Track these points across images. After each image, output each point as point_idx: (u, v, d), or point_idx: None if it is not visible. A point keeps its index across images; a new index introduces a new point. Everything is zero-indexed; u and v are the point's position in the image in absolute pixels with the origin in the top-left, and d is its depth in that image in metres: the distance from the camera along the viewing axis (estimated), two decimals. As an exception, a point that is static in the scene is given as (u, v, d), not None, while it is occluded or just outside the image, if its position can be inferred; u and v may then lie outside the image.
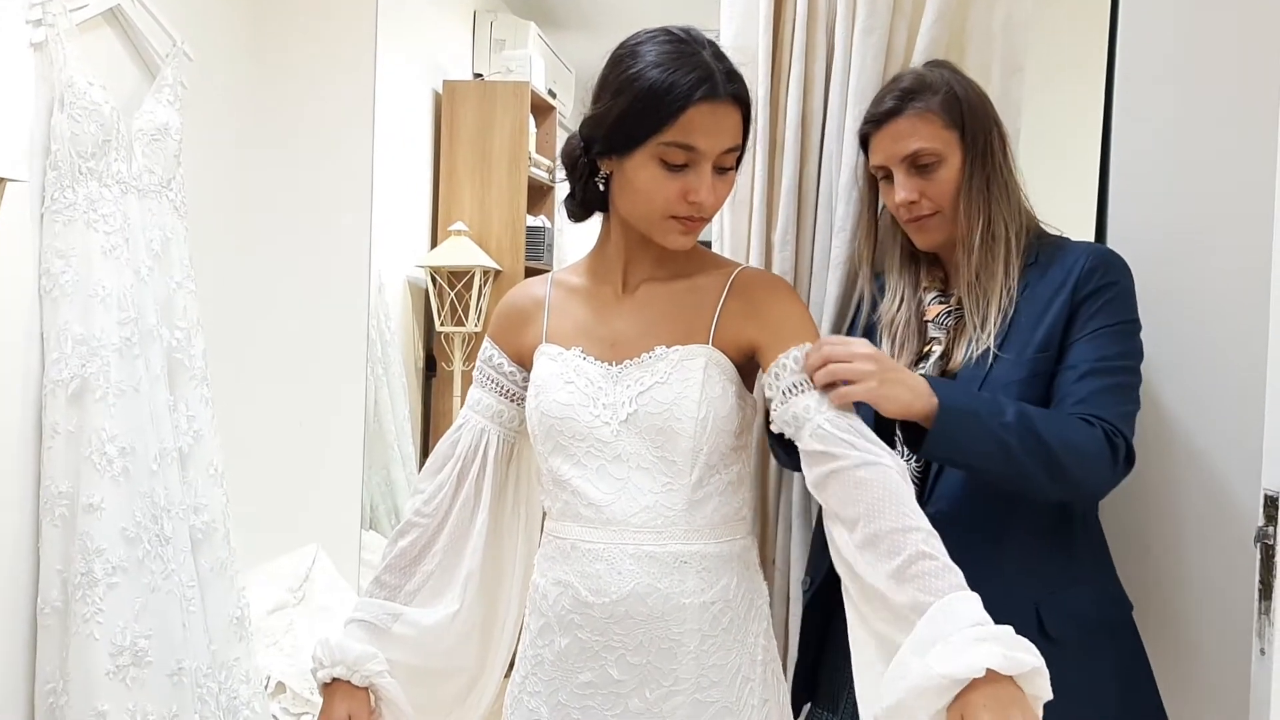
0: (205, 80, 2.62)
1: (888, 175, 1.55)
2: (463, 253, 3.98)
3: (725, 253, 1.79)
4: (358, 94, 3.22)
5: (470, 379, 1.58)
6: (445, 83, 4.16)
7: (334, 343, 3.21)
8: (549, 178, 4.56)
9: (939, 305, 1.57)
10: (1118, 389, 1.43)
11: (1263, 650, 1.19)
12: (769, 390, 1.37)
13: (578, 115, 1.46)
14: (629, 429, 1.37)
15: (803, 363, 1.34)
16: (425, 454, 4.17)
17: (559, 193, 4.78)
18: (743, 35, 1.76)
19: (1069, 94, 2.05)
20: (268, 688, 2.55)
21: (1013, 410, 1.36)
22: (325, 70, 3.13)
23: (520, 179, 4.22)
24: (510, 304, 1.54)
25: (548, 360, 1.44)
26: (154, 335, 2.24)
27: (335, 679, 1.41)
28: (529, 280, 1.56)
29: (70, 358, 2.08)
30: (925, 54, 1.66)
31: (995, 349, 1.46)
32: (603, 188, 1.43)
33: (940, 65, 1.57)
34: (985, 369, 1.47)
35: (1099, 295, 1.46)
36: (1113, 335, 1.45)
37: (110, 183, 2.19)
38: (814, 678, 1.63)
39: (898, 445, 1.47)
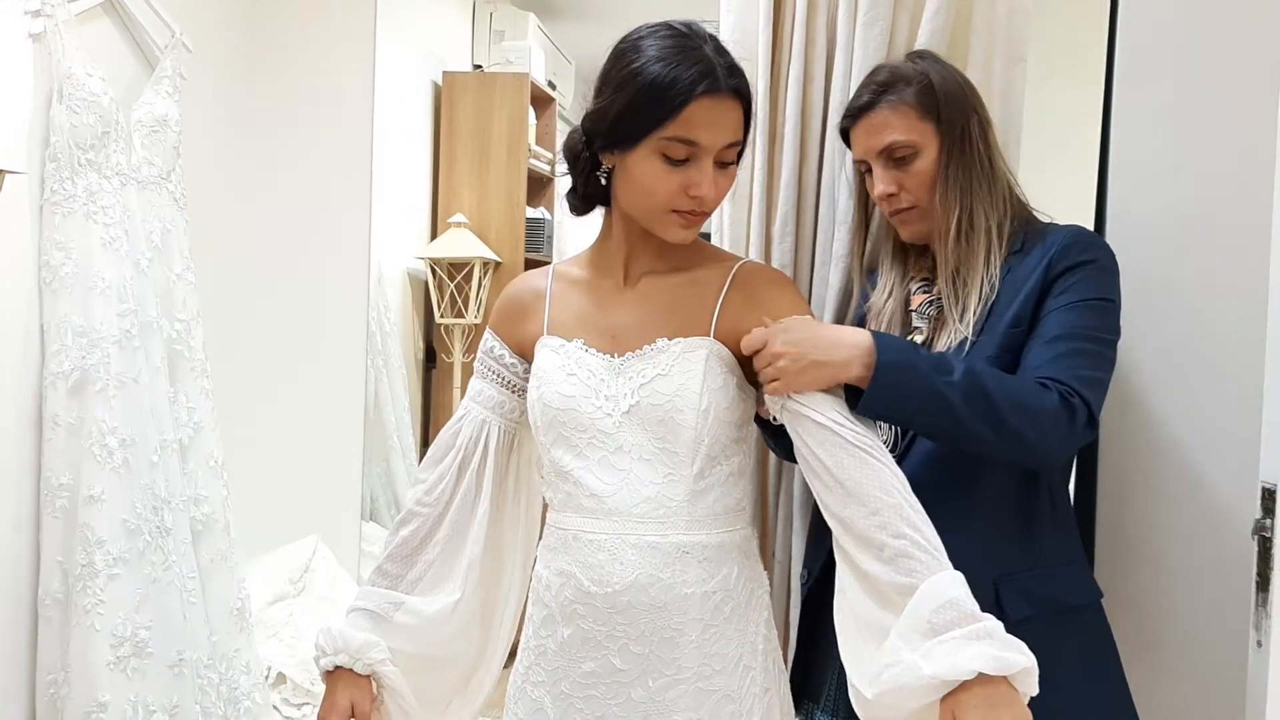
0: (204, 71, 2.62)
1: (869, 168, 1.55)
2: (462, 244, 3.98)
3: (725, 245, 1.79)
4: (357, 85, 3.21)
5: (470, 370, 1.58)
6: (445, 74, 4.15)
7: (334, 334, 3.21)
8: (549, 169, 4.55)
9: (923, 295, 1.57)
10: (1080, 354, 1.41)
11: (1259, 642, 1.20)
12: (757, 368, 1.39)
13: (577, 106, 1.46)
14: (631, 420, 1.38)
15: None
16: (425, 445, 4.16)
17: (559, 184, 4.78)
18: (742, 27, 1.76)
19: (1068, 85, 2.05)
20: (268, 678, 2.56)
21: (961, 369, 1.35)
22: (324, 62, 3.13)
23: (520, 170, 4.21)
24: (511, 296, 1.55)
25: (549, 352, 1.45)
26: (154, 327, 2.24)
27: (338, 667, 1.43)
28: (530, 272, 1.57)
29: (70, 350, 2.08)
30: (927, 45, 1.66)
31: (973, 339, 1.46)
32: (605, 182, 1.43)
33: (922, 56, 1.57)
34: (963, 355, 1.46)
35: (1073, 271, 1.45)
36: (1084, 309, 1.43)
37: (110, 174, 2.18)
38: (805, 668, 1.64)
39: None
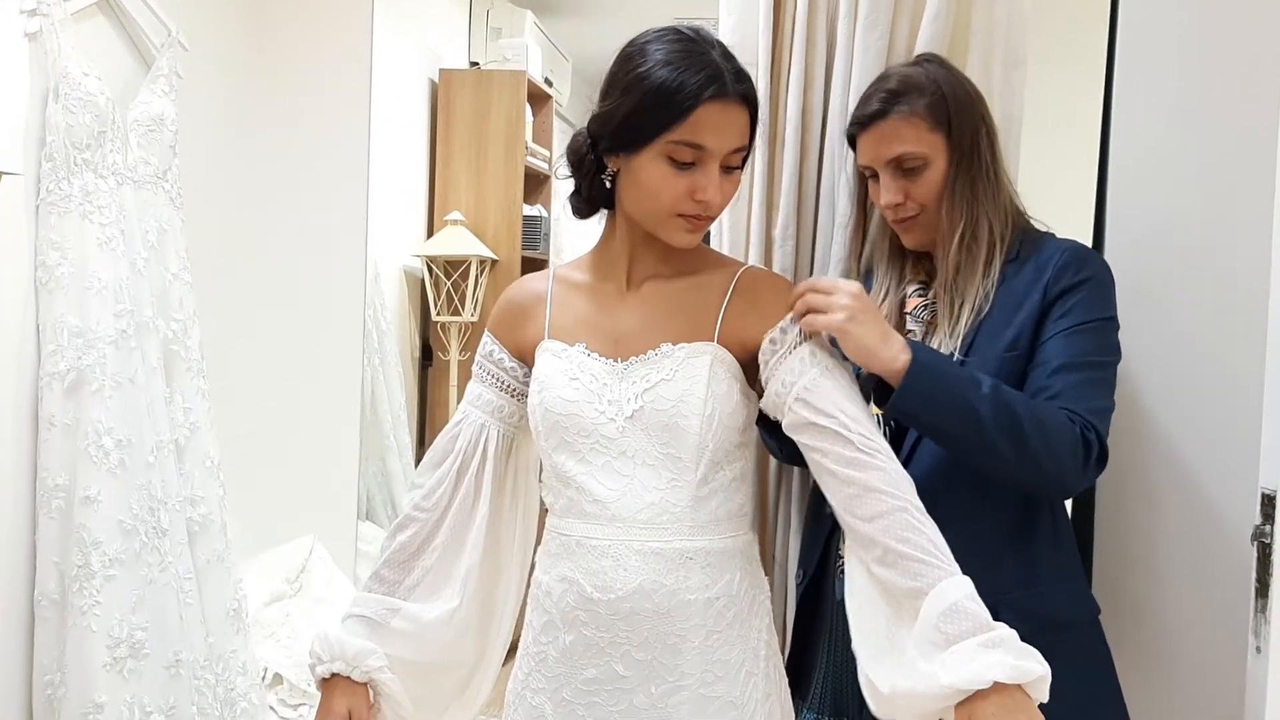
0: (201, 70, 2.61)
1: (874, 174, 1.55)
2: (459, 242, 3.97)
3: (725, 248, 1.79)
4: (354, 83, 3.21)
5: (467, 368, 1.58)
6: (441, 71, 4.14)
7: (330, 333, 3.21)
8: (546, 167, 4.55)
9: (918, 298, 1.57)
10: (1091, 383, 1.42)
11: (1259, 648, 1.20)
12: (763, 363, 1.39)
13: (574, 104, 1.46)
14: (634, 425, 1.37)
15: (790, 328, 1.37)
16: (422, 444, 4.17)
17: (556, 182, 4.77)
18: (742, 29, 1.75)
19: (1068, 87, 2.05)
20: (265, 679, 2.56)
21: (989, 384, 1.36)
22: (321, 59, 3.12)
23: (517, 168, 4.21)
24: (511, 299, 1.54)
25: (551, 356, 1.44)
26: (150, 327, 2.24)
27: (334, 674, 1.42)
28: (529, 275, 1.56)
29: (66, 350, 2.08)
30: (927, 49, 1.65)
31: (961, 355, 1.46)
32: (609, 185, 1.42)
33: (929, 60, 1.56)
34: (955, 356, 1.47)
35: (1072, 293, 1.45)
36: (1085, 333, 1.43)
37: (106, 174, 2.18)
38: (797, 668, 1.64)
39: (870, 405, 1.45)
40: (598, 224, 1.52)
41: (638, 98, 1.33)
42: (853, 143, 1.58)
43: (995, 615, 1.38)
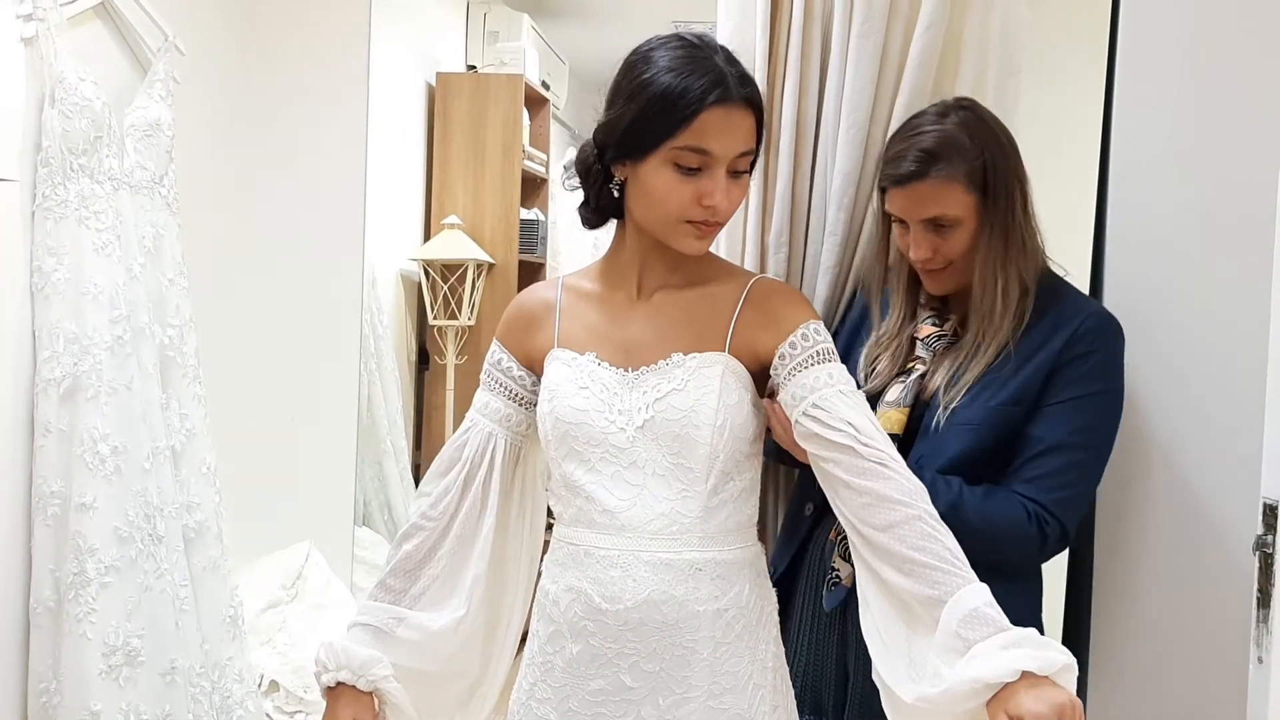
0: (197, 74, 2.60)
1: (902, 221, 1.55)
2: (456, 246, 3.97)
3: (721, 254, 1.78)
4: (351, 87, 3.20)
5: (463, 373, 1.58)
6: (438, 75, 4.14)
7: (327, 337, 3.20)
8: (543, 170, 4.54)
9: (932, 327, 1.58)
10: (1070, 469, 1.48)
11: (1260, 658, 1.20)
12: (774, 374, 1.40)
13: (572, 107, 1.47)
14: (645, 435, 1.37)
15: (802, 344, 1.37)
16: (419, 448, 4.16)
17: (552, 185, 4.77)
18: (739, 35, 1.75)
19: (1069, 97, 2.04)
20: (261, 686, 2.55)
21: (947, 501, 1.39)
22: (318, 63, 3.11)
23: (514, 171, 4.20)
24: (520, 307, 1.53)
25: (561, 365, 1.44)
26: (146, 333, 2.23)
27: (340, 683, 1.41)
28: (538, 284, 1.56)
29: (62, 356, 2.07)
30: (921, 58, 1.66)
31: (958, 403, 1.50)
32: (617, 194, 1.42)
33: (964, 107, 1.54)
34: (955, 401, 1.50)
35: (1082, 361, 1.48)
36: (1084, 406, 1.48)
37: (102, 179, 2.17)
38: None
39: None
40: (598, 229, 1.51)
41: (642, 104, 1.33)
42: (882, 191, 1.57)
43: None
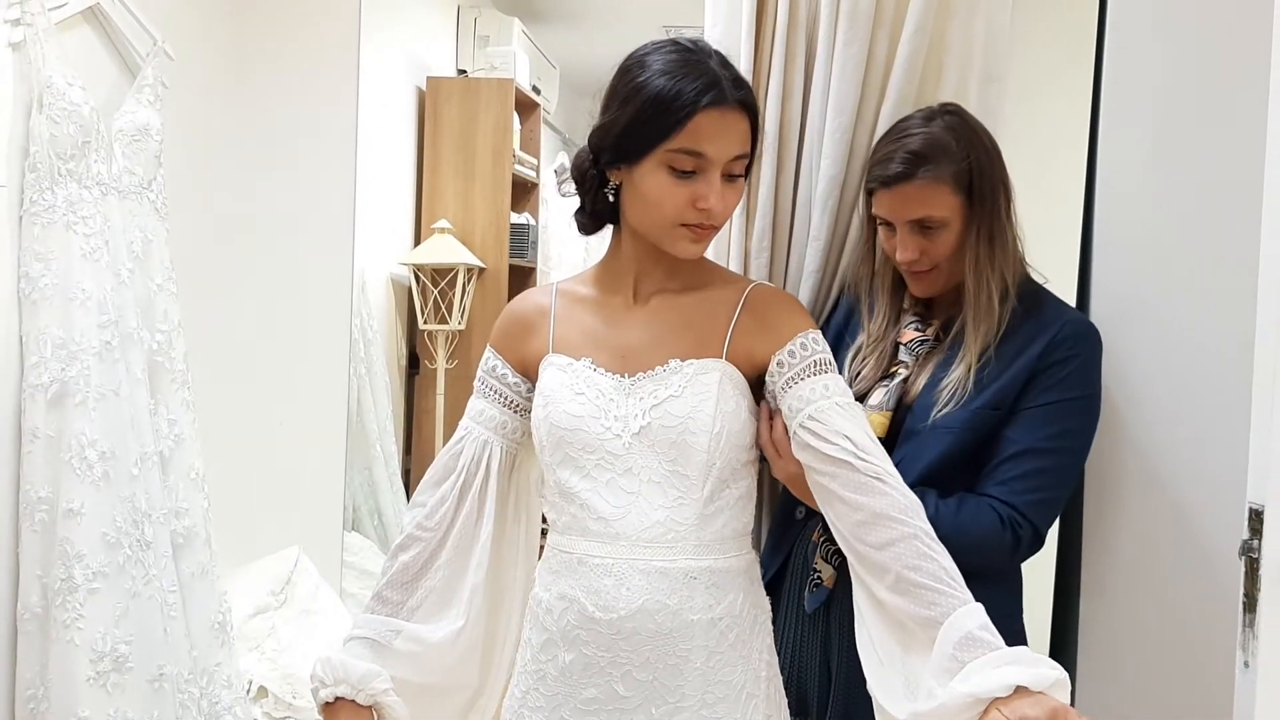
0: (186, 79, 2.60)
1: (888, 224, 1.55)
2: (446, 250, 3.97)
3: (707, 257, 1.78)
4: (341, 91, 3.20)
5: (454, 377, 1.58)
6: (429, 79, 4.14)
7: (316, 342, 3.19)
8: (533, 175, 4.54)
9: (915, 331, 1.59)
10: (1044, 474, 1.48)
11: (1247, 663, 1.20)
12: (770, 382, 1.39)
13: (562, 112, 1.47)
14: (641, 442, 1.36)
15: (800, 353, 1.37)
16: (408, 452, 4.15)
17: (543, 189, 4.77)
18: (727, 40, 1.75)
19: (1055, 104, 2.05)
20: (249, 692, 2.54)
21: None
22: (308, 68, 3.11)
23: (504, 176, 4.21)
24: (514, 313, 1.53)
25: (556, 370, 1.43)
26: (135, 338, 2.22)
27: (339, 698, 1.38)
28: (532, 290, 1.55)
29: (50, 361, 2.06)
30: (905, 65, 1.66)
31: (941, 409, 1.50)
32: (612, 199, 1.42)
33: (950, 112, 1.56)
34: (936, 406, 1.51)
35: (1060, 366, 1.49)
36: (1060, 411, 1.49)
37: (90, 184, 2.16)
38: None
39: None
40: (594, 234, 1.51)
41: (636, 108, 1.33)
42: (868, 193, 1.58)
43: None
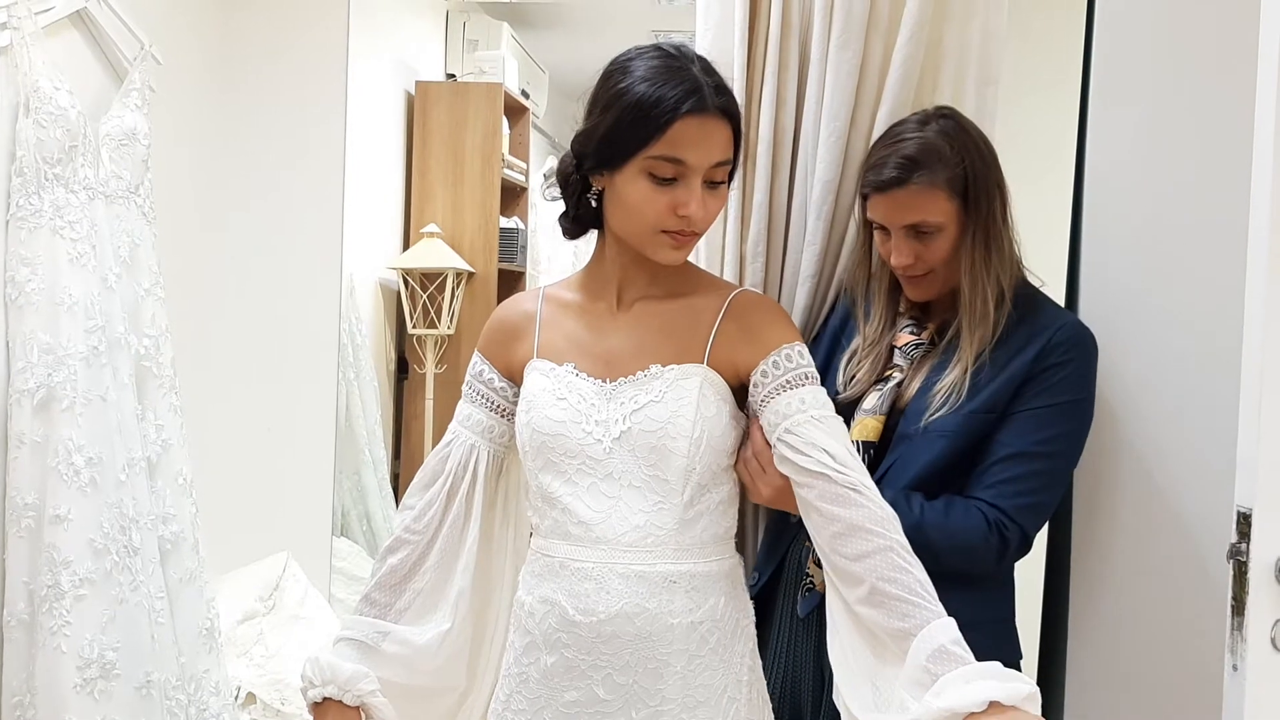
0: (174, 83, 2.59)
1: (884, 228, 1.55)
2: (435, 254, 3.95)
3: (700, 263, 1.78)
4: (329, 95, 3.18)
5: (443, 382, 1.58)
6: (417, 83, 4.13)
7: (305, 346, 3.18)
8: (523, 179, 4.54)
9: (910, 335, 1.59)
10: (1033, 477, 1.49)
11: (1235, 666, 1.20)
12: (753, 392, 1.40)
13: (551, 116, 1.47)
14: (622, 447, 1.37)
15: (783, 364, 1.38)
16: (398, 458, 4.14)
17: (532, 194, 4.76)
18: (718, 47, 1.75)
19: (1045, 105, 2.06)
20: (237, 698, 2.53)
21: (910, 522, 1.39)
22: (296, 72, 3.10)
23: (493, 180, 4.19)
24: (500, 318, 1.53)
25: (539, 376, 1.43)
26: (122, 343, 2.21)
27: (326, 699, 1.40)
28: (519, 295, 1.56)
29: (36, 367, 2.05)
30: (901, 69, 1.66)
31: (934, 412, 1.51)
32: (595, 204, 1.42)
33: (944, 116, 1.55)
34: (929, 410, 1.51)
35: (1055, 371, 1.50)
36: (1051, 415, 1.49)
37: (77, 189, 2.15)
38: None
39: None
40: (578, 239, 1.51)
41: (618, 114, 1.33)
42: (863, 197, 1.58)
43: None
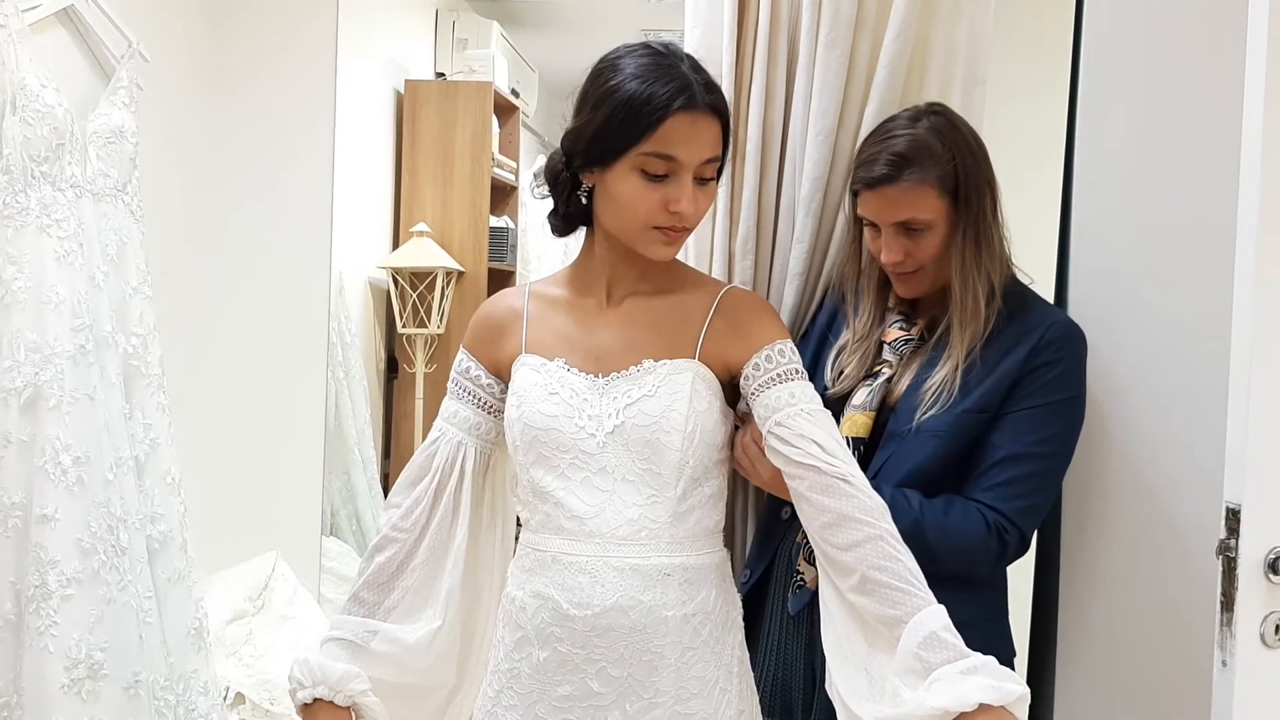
0: (162, 81, 2.58)
1: (874, 225, 1.55)
2: (425, 254, 3.95)
3: (690, 260, 1.78)
4: (318, 94, 3.18)
5: (432, 381, 1.58)
6: (407, 82, 4.12)
7: (294, 345, 3.17)
8: (512, 178, 4.53)
9: (899, 330, 1.59)
10: (1031, 479, 1.49)
11: (1224, 662, 1.21)
12: (744, 387, 1.41)
13: (541, 115, 1.48)
14: (615, 441, 1.38)
15: (775, 359, 1.39)
16: (387, 457, 4.13)
17: (522, 193, 4.76)
18: (707, 44, 1.75)
19: (1034, 106, 2.06)
20: (226, 699, 2.52)
21: (909, 519, 1.41)
22: (285, 70, 3.09)
23: (483, 179, 4.19)
24: (487, 315, 1.53)
25: (530, 371, 1.44)
26: (109, 342, 2.20)
27: (317, 699, 1.40)
28: (505, 291, 1.56)
29: (23, 365, 2.04)
30: (889, 69, 1.66)
31: (927, 410, 1.50)
32: (585, 201, 1.43)
33: (936, 113, 1.55)
34: (920, 407, 1.51)
35: (1046, 370, 1.50)
36: (1045, 415, 1.49)
37: (64, 186, 2.14)
38: None
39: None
40: (567, 236, 1.51)
41: (608, 111, 1.34)
42: (854, 194, 1.58)
43: None
